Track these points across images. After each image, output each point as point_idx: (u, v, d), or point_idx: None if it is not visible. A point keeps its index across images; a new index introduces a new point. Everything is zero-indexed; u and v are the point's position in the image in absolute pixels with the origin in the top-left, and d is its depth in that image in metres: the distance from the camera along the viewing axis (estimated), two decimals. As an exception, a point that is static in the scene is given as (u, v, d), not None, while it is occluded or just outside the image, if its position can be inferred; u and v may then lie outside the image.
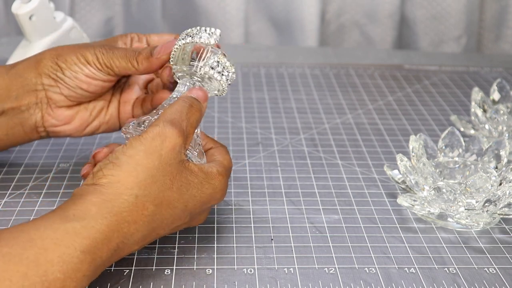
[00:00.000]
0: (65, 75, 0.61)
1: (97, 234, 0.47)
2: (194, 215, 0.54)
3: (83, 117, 0.64)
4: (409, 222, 0.61)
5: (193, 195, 0.53)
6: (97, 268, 0.47)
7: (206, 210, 0.57)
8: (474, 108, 0.76)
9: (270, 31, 1.33)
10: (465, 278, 0.53)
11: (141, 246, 0.51)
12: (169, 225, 0.52)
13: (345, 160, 0.72)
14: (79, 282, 0.45)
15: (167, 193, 0.51)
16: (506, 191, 0.57)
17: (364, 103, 0.90)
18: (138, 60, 0.60)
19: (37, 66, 0.62)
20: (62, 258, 0.44)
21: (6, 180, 0.66)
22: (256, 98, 0.91)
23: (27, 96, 0.62)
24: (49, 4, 0.78)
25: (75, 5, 1.28)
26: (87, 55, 0.61)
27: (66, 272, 0.44)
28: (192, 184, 0.53)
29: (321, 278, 0.52)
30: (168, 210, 0.51)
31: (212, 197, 0.54)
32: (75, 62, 0.61)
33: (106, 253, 0.47)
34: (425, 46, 1.33)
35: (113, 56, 0.61)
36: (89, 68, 0.61)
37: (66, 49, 0.62)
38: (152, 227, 0.51)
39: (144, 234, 0.50)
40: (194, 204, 0.53)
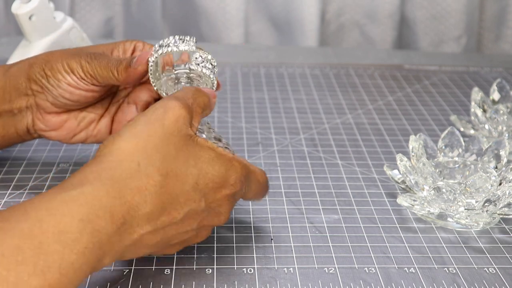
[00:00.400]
0: (49, 83, 0.61)
1: (96, 200, 0.43)
2: (209, 200, 0.50)
3: (70, 126, 0.63)
4: (409, 222, 0.61)
5: (203, 170, 0.49)
6: (102, 243, 0.43)
7: (225, 202, 0.51)
8: (474, 108, 0.76)
9: (270, 31, 1.33)
10: (465, 278, 0.53)
11: (154, 228, 0.47)
12: (182, 206, 0.48)
13: (345, 160, 0.72)
14: (81, 255, 0.41)
15: (172, 163, 0.48)
16: (506, 191, 0.57)
17: (364, 103, 0.90)
18: (118, 70, 0.59)
19: (28, 71, 0.61)
20: (58, 228, 0.41)
21: (6, 180, 0.66)
22: (256, 98, 0.91)
23: (19, 100, 0.62)
24: (49, 4, 0.78)
25: (75, 5, 1.28)
26: (71, 63, 0.60)
27: (64, 243, 0.41)
28: (202, 158, 0.49)
29: (321, 278, 0.52)
30: (176, 184, 0.48)
31: (226, 180, 0.50)
32: (59, 70, 0.60)
33: (110, 226, 0.43)
34: (425, 46, 1.33)
35: (97, 65, 0.60)
36: (72, 77, 0.60)
37: (56, 56, 0.61)
38: (162, 202, 0.47)
39: (153, 208, 0.46)
40: (206, 183, 0.49)
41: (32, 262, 0.39)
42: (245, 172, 0.52)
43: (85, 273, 0.42)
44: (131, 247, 0.46)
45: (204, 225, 0.51)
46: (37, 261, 0.39)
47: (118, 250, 0.45)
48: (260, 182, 0.55)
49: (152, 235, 0.47)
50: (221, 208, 0.51)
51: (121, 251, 0.45)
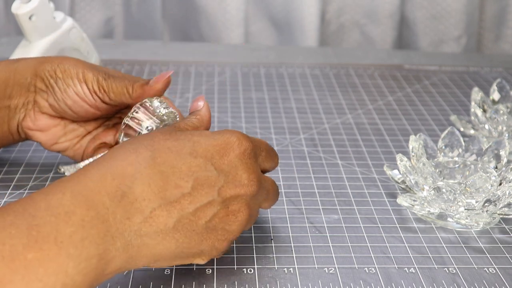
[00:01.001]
0: (57, 84, 0.61)
1: (85, 178, 0.42)
2: (218, 163, 0.47)
3: (56, 133, 0.63)
4: (409, 222, 0.61)
5: (197, 140, 0.47)
6: (103, 218, 0.41)
7: (241, 165, 0.48)
8: (474, 108, 0.76)
9: (270, 31, 1.33)
10: (465, 278, 0.53)
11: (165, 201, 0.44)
12: (187, 173, 0.45)
13: (345, 160, 0.72)
14: (79, 228, 0.40)
15: (162, 142, 0.46)
16: (506, 191, 0.57)
17: (364, 103, 0.90)
18: (133, 87, 0.59)
19: (37, 67, 0.61)
20: (50, 203, 0.40)
21: (6, 180, 0.66)
22: (256, 98, 0.91)
23: (19, 96, 0.62)
24: (49, 4, 0.78)
25: (75, 5, 1.29)
26: (87, 74, 0.60)
27: (57, 215, 0.40)
28: (195, 133, 0.48)
29: (320, 278, 0.52)
30: (170, 155, 0.46)
31: (227, 142, 0.48)
32: (71, 76, 0.60)
33: (107, 198, 0.42)
34: (425, 46, 1.33)
35: (113, 81, 0.60)
36: (83, 87, 0.60)
37: (72, 61, 0.61)
38: (161, 172, 0.45)
39: (154, 179, 0.44)
40: (205, 149, 0.47)
41: (26, 234, 0.38)
42: (248, 137, 0.50)
43: (88, 250, 0.40)
44: (148, 229, 0.44)
45: (230, 196, 0.47)
46: (31, 232, 0.39)
47: (131, 230, 0.43)
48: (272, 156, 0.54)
49: (166, 211, 0.44)
50: (239, 172, 0.48)
51: (136, 232, 0.43)
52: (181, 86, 0.94)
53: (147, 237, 0.44)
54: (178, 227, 0.45)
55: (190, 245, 0.46)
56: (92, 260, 0.40)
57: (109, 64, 1.01)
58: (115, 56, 1.07)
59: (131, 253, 0.44)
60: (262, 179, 0.50)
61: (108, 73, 0.61)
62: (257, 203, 0.50)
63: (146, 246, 0.44)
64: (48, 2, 0.77)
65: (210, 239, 0.47)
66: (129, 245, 0.43)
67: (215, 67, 1.03)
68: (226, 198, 0.47)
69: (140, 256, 0.44)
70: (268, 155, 0.53)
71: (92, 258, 0.40)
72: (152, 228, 0.44)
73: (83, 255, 0.40)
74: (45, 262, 0.38)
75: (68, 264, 0.39)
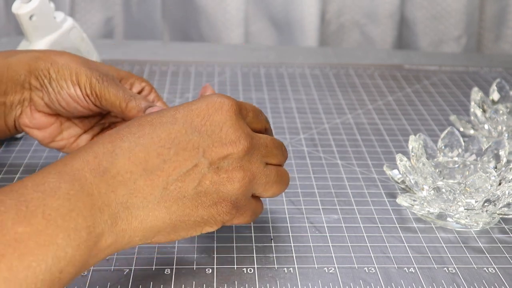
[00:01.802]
0: (51, 85, 0.60)
1: (69, 158, 0.43)
2: (201, 128, 0.46)
3: (54, 131, 0.64)
4: (409, 222, 0.61)
5: (176, 108, 0.47)
6: (87, 192, 0.41)
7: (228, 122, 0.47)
8: (473, 108, 0.77)
9: (270, 31, 1.33)
10: (465, 278, 0.53)
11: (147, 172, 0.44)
12: (168, 141, 0.45)
13: (344, 160, 0.72)
14: (65, 201, 0.40)
15: (142, 118, 0.47)
16: (505, 191, 0.57)
17: (363, 103, 0.90)
18: (128, 105, 0.59)
19: (31, 64, 0.61)
20: (36, 181, 0.41)
21: (6, 180, 0.66)
22: (256, 98, 0.91)
23: (14, 92, 0.61)
24: (49, 4, 0.78)
25: (75, 5, 1.29)
26: (81, 76, 0.60)
27: (43, 191, 0.40)
28: (170, 108, 0.47)
29: (320, 278, 0.52)
30: (150, 127, 0.45)
31: (209, 104, 0.47)
32: (65, 78, 0.60)
33: (89, 173, 0.42)
34: (425, 46, 1.33)
35: (108, 88, 0.59)
36: (76, 89, 0.60)
37: (65, 60, 0.61)
38: (139, 144, 0.44)
39: (130, 153, 0.44)
40: (184, 113, 0.47)
41: (14, 210, 0.39)
42: (230, 97, 0.48)
43: (76, 222, 0.40)
44: (134, 200, 0.43)
45: (218, 157, 0.46)
46: (19, 208, 0.39)
47: (117, 202, 0.43)
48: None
49: (150, 180, 0.44)
50: (224, 129, 0.47)
51: (122, 204, 0.43)
52: (181, 86, 0.94)
53: (135, 209, 0.44)
54: (166, 196, 0.45)
55: (185, 213, 0.46)
56: (81, 232, 0.41)
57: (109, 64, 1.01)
58: (115, 56, 1.07)
59: (122, 226, 0.43)
60: (253, 136, 0.49)
61: (106, 73, 0.61)
62: (255, 160, 0.48)
63: (135, 218, 0.44)
64: (49, 2, 0.78)
65: (205, 203, 0.46)
66: (118, 217, 0.43)
67: (215, 67, 1.03)
68: (214, 159, 0.46)
69: (132, 230, 0.44)
70: (256, 116, 0.51)
71: (81, 230, 0.41)
72: (138, 199, 0.44)
73: (71, 226, 0.40)
74: (35, 235, 0.39)
75: (58, 235, 0.39)
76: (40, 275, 0.38)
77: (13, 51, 0.64)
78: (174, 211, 0.45)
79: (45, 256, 0.39)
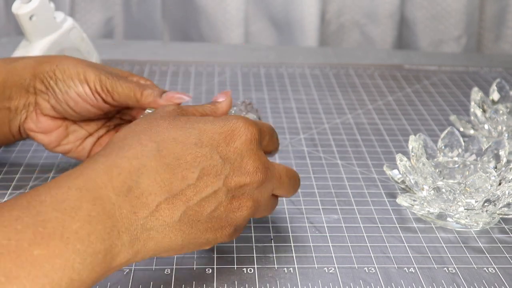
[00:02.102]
0: (57, 86, 0.60)
1: (91, 171, 0.42)
2: (223, 152, 0.47)
3: (59, 135, 0.63)
4: (409, 222, 0.61)
5: (203, 128, 0.47)
6: (109, 213, 0.41)
7: (246, 153, 0.48)
8: (473, 108, 0.77)
9: (270, 31, 1.33)
10: (465, 278, 0.53)
11: (170, 193, 0.44)
12: (192, 164, 0.45)
13: (344, 160, 0.72)
14: (85, 223, 0.40)
15: (166, 132, 0.46)
16: (505, 191, 0.57)
17: (363, 103, 0.90)
18: (144, 93, 0.59)
19: (35, 68, 0.61)
20: (56, 197, 0.40)
21: (6, 180, 0.66)
22: (256, 98, 0.91)
23: (19, 97, 0.61)
24: (49, 4, 0.78)
25: (75, 5, 1.29)
26: (89, 73, 0.59)
27: (63, 211, 0.39)
28: (200, 121, 0.48)
29: (320, 278, 0.52)
30: (176, 146, 0.45)
31: (233, 130, 0.48)
32: (72, 77, 0.60)
33: (112, 192, 0.42)
34: (425, 46, 1.33)
35: (119, 82, 0.59)
36: (85, 87, 0.59)
37: (71, 61, 0.61)
38: (166, 164, 0.44)
39: (160, 172, 0.44)
40: (211, 137, 0.47)
41: (32, 230, 0.38)
42: (254, 123, 0.49)
43: (95, 246, 0.40)
44: (155, 223, 0.43)
45: (235, 185, 0.47)
46: (37, 228, 0.38)
47: (137, 224, 0.42)
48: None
49: (172, 204, 0.44)
50: (245, 159, 0.48)
51: (142, 226, 0.43)
52: (181, 86, 0.94)
53: (153, 231, 0.44)
54: (184, 219, 0.45)
55: (196, 236, 0.46)
56: (98, 255, 0.40)
57: (109, 64, 1.01)
58: (115, 56, 1.07)
59: (138, 247, 0.43)
60: (269, 166, 0.50)
61: (111, 72, 0.61)
62: (266, 191, 0.49)
63: (152, 240, 0.44)
64: (49, 2, 0.78)
65: (214, 227, 0.47)
66: (136, 239, 0.43)
67: (215, 67, 1.03)
68: (232, 187, 0.47)
69: (147, 250, 0.44)
70: (271, 139, 0.53)
71: (99, 253, 0.40)
72: (159, 221, 0.44)
73: (89, 250, 0.40)
74: (51, 258, 0.38)
75: (75, 259, 0.39)
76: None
77: (17, 58, 0.63)
78: (187, 233, 0.46)
79: (60, 280, 0.38)
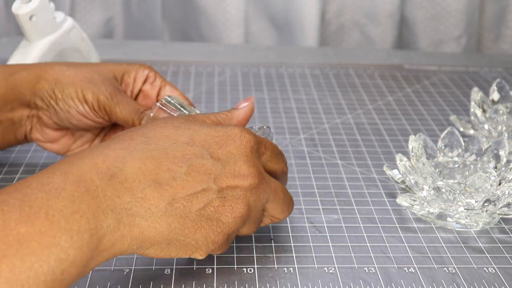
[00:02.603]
0: (58, 105, 0.60)
1: (77, 159, 0.43)
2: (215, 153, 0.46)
3: (67, 142, 0.64)
4: (409, 222, 0.61)
5: (197, 129, 0.47)
6: (93, 194, 0.41)
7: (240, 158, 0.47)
8: (473, 108, 0.77)
9: (270, 31, 1.33)
10: (465, 278, 0.53)
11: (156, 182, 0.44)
12: (181, 159, 0.45)
13: (344, 160, 0.72)
14: (69, 203, 0.40)
15: (159, 129, 0.47)
16: (505, 191, 0.57)
17: (363, 103, 0.90)
18: (142, 122, 0.59)
19: (34, 85, 0.60)
20: (41, 181, 0.41)
21: (6, 180, 0.66)
22: (256, 98, 0.91)
23: (21, 110, 0.62)
24: (49, 4, 0.78)
25: (75, 5, 1.29)
26: (87, 93, 0.59)
27: (47, 192, 0.40)
28: (195, 122, 0.48)
29: (320, 278, 0.52)
30: (167, 141, 0.46)
31: (228, 135, 0.47)
32: (71, 97, 0.60)
33: (96, 176, 0.42)
34: (425, 46, 1.33)
35: (117, 105, 0.59)
36: (84, 107, 0.60)
37: (68, 77, 0.60)
38: (153, 156, 0.44)
39: (145, 162, 0.44)
40: (203, 139, 0.47)
41: (18, 210, 0.39)
42: (252, 133, 0.49)
43: (79, 224, 0.40)
44: (139, 209, 0.43)
45: (228, 186, 0.47)
46: (23, 208, 0.39)
47: (121, 208, 0.43)
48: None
49: (158, 192, 0.44)
50: (238, 163, 0.47)
51: (127, 210, 0.43)
52: (181, 86, 0.94)
53: (138, 217, 0.44)
54: (170, 211, 0.45)
55: (183, 232, 0.45)
56: (84, 234, 0.40)
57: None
58: (115, 56, 1.07)
59: (123, 232, 0.43)
60: (266, 176, 0.49)
61: (110, 92, 0.60)
62: (259, 200, 0.49)
63: (137, 227, 0.44)
64: (49, 2, 0.78)
65: (204, 228, 0.46)
66: (120, 222, 0.43)
67: (215, 67, 1.03)
68: (223, 187, 0.47)
69: (132, 237, 0.44)
70: (274, 156, 0.52)
71: (84, 232, 0.40)
72: (143, 208, 0.44)
73: (74, 228, 0.40)
74: (37, 236, 0.38)
75: (61, 237, 0.39)
76: (42, 276, 0.38)
77: (14, 67, 0.63)
78: (174, 227, 0.45)
79: (47, 258, 0.38)
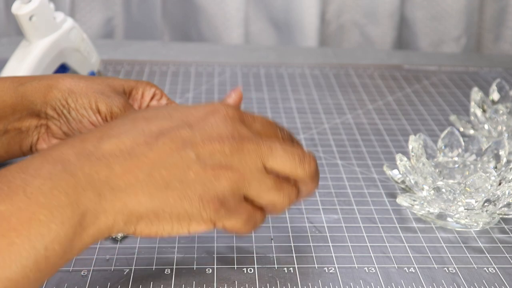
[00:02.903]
0: (71, 115, 0.60)
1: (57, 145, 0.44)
2: (196, 126, 0.46)
3: None
4: (409, 222, 0.61)
5: (175, 107, 0.48)
6: (70, 173, 0.41)
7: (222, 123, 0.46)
8: (473, 108, 0.77)
9: (270, 31, 1.33)
10: (465, 278, 0.53)
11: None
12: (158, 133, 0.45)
13: (344, 160, 0.72)
14: (46, 179, 0.40)
15: (138, 112, 0.47)
16: (505, 191, 0.57)
17: (363, 103, 0.90)
18: None
19: (46, 94, 0.60)
20: (20, 164, 0.41)
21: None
22: (256, 98, 0.91)
23: (30, 119, 0.61)
24: (49, 5, 0.78)
25: (75, 5, 1.29)
26: (101, 104, 0.59)
27: (26, 172, 0.41)
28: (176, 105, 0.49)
29: (320, 278, 0.52)
30: (143, 122, 0.46)
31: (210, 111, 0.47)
32: (85, 107, 0.59)
33: (74, 157, 0.42)
34: (425, 46, 1.33)
35: None
36: (97, 117, 0.59)
37: (82, 86, 0.60)
38: (126, 132, 0.45)
39: (116, 140, 0.44)
40: (183, 113, 0.47)
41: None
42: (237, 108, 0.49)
43: (58, 199, 0.40)
44: (119, 182, 0.43)
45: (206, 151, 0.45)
46: (1, 187, 0.39)
47: (100, 181, 0.42)
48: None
49: (135, 165, 0.43)
50: (219, 129, 0.46)
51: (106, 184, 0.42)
52: (181, 86, 0.94)
53: (118, 191, 0.43)
54: (150, 182, 0.44)
55: (168, 202, 0.44)
56: (64, 209, 0.40)
57: (109, 64, 1.01)
58: (115, 56, 1.07)
59: (105, 206, 0.42)
60: (253, 137, 0.47)
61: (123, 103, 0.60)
62: (248, 163, 0.46)
63: (119, 200, 0.43)
64: (49, 2, 0.78)
65: (191, 197, 0.45)
66: (101, 196, 0.42)
67: (215, 67, 1.03)
68: (201, 154, 0.45)
69: (116, 212, 0.43)
70: (266, 125, 0.50)
71: (65, 207, 0.40)
72: (122, 181, 0.43)
73: (53, 203, 0.40)
74: (16, 212, 0.39)
75: (40, 212, 0.39)
76: (23, 252, 0.38)
77: (24, 78, 0.62)
78: (158, 198, 0.44)
79: (27, 233, 0.38)
